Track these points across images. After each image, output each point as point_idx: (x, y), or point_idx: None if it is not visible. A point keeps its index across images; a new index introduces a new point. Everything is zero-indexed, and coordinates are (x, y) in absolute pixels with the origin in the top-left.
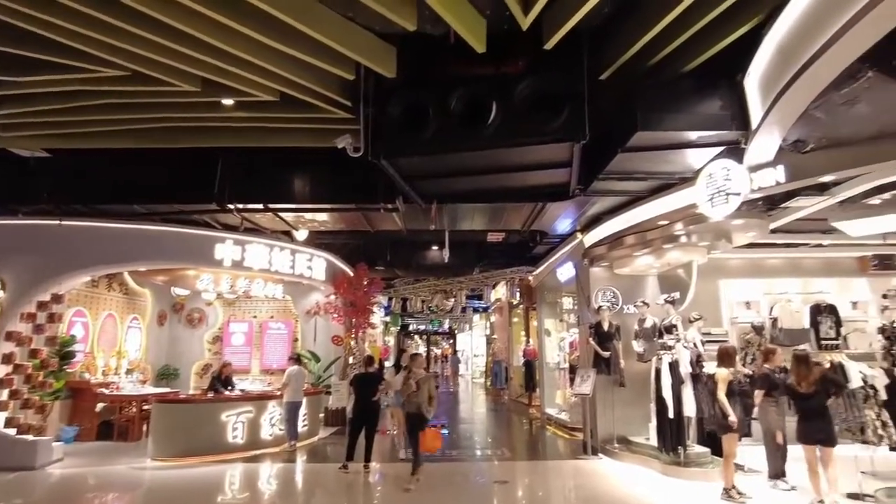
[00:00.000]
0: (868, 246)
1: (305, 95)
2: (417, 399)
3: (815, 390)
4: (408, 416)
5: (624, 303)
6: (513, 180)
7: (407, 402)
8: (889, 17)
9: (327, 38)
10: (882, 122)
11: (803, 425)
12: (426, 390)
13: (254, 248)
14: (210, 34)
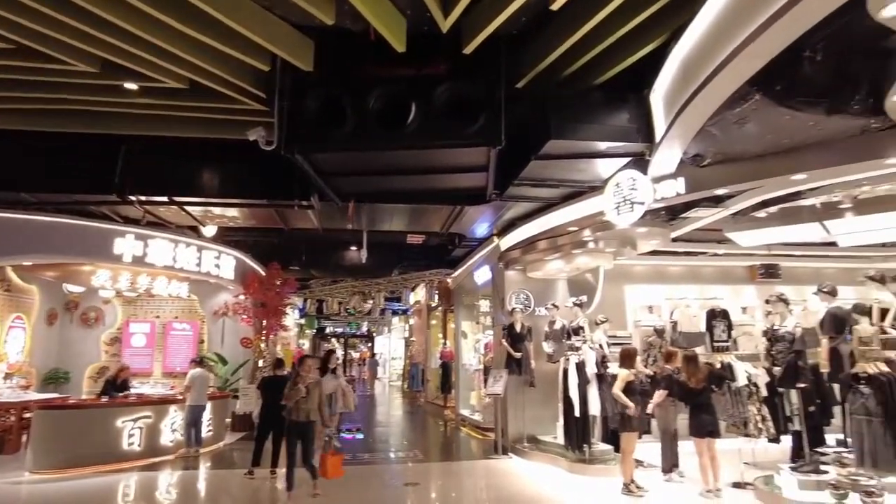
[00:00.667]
0: (756, 256)
1: (217, 84)
2: (307, 406)
3: (704, 386)
4: (292, 425)
5: (536, 305)
6: (431, 182)
7: (294, 409)
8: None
9: (242, 26)
10: (767, 142)
11: (695, 420)
12: (316, 396)
13: (157, 244)
14: (110, 11)
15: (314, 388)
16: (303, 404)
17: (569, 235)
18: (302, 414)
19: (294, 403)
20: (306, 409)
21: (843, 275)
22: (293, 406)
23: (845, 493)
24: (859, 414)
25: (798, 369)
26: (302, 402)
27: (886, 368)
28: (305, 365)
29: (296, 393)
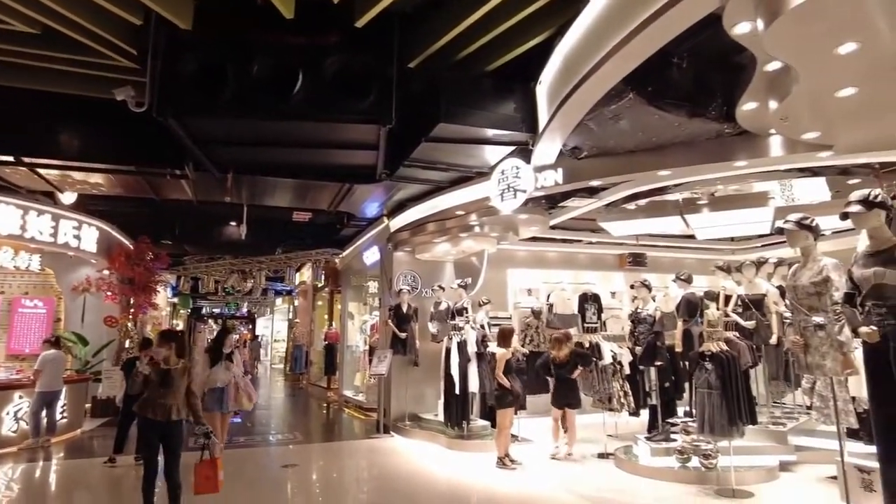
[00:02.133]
0: (626, 245)
1: (77, 34)
2: (166, 400)
3: (567, 361)
4: (146, 424)
5: (423, 286)
6: (319, 157)
7: (148, 403)
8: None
9: None
10: (638, 139)
11: (556, 392)
12: (182, 387)
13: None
14: None
15: (179, 377)
16: (160, 398)
17: (456, 219)
18: (159, 411)
19: (146, 396)
20: (165, 405)
21: (699, 265)
22: (145, 400)
23: (688, 458)
24: (702, 387)
25: (656, 349)
26: (159, 395)
27: (727, 347)
28: (163, 340)
29: (134, 380)
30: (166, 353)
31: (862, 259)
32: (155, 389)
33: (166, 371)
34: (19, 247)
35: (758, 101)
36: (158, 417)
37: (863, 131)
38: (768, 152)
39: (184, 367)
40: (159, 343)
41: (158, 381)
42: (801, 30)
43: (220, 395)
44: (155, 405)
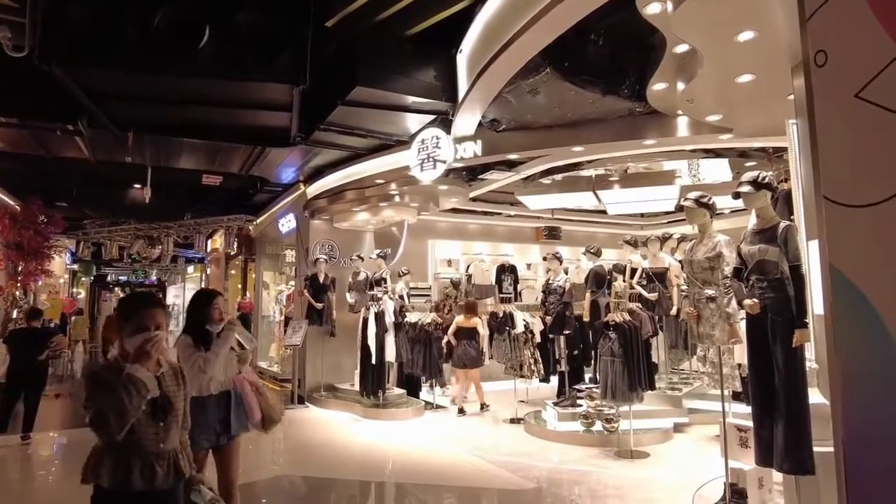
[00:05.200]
0: (543, 219)
1: None
2: (165, 446)
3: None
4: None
5: (341, 256)
6: (229, 117)
7: (118, 456)
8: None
9: None
10: (554, 114)
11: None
12: (181, 405)
13: None
14: None
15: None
16: (154, 441)
17: (376, 188)
18: (158, 468)
19: (123, 442)
20: (165, 455)
21: (610, 239)
22: (119, 450)
23: (592, 422)
24: (606, 355)
25: (565, 318)
26: (151, 436)
27: (630, 318)
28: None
29: (130, 402)
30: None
31: (749, 236)
32: (146, 425)
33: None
34: None
35: (667, 82)
36: (158, 483)
37: (759, 117)
38: (676, 132)
39: (172, 369)
40: (145, 320)
41: (150, 408)
42: (706, 14)
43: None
44: (144, 458)
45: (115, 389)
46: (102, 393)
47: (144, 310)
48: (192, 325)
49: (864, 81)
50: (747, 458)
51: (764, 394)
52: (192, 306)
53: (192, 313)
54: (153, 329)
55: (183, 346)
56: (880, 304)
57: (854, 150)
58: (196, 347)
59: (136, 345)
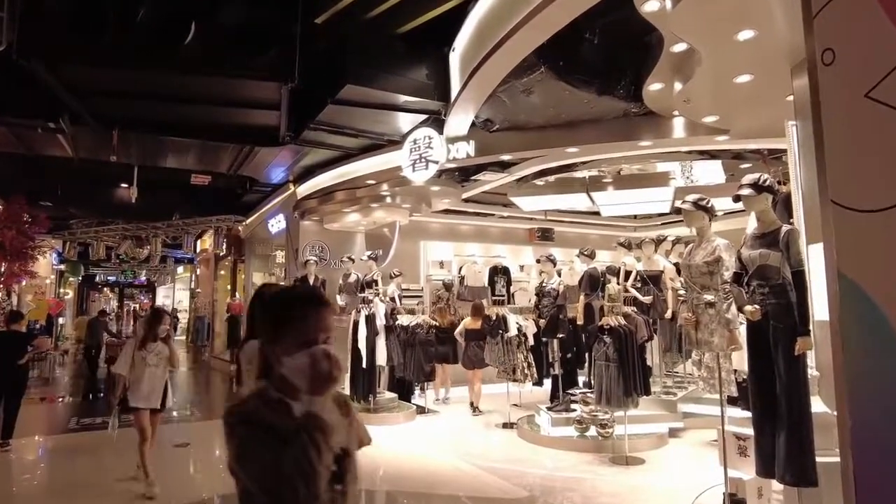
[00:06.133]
0: (536, 220)
1: None
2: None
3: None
4: None
5: (332, 257)
6: (217, 115)
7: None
8: (551, 23)
9: None
10: (549, 115)
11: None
12: None
13: None
14: None
15: (348, 432)
16: (338, 499)
17: (367, 188)
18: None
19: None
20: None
21: (603, 241)
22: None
23: (586, 427)
24: (601, 360)
25: (559, 321)
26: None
27: (625, 322)
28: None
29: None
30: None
31: (750, 241)
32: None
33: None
34: None
35: (664, 83)
36: None
37: (756, 118)
38: (671, 133)
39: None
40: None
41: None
42: (705, 12)
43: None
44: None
45: (293, 443)
46: (272, 449)
47: (313, 312)
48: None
49: (875, 81)
50: (747, 467)
51: (765, 402)
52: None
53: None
54: (325, 340)
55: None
56: (891, 310)
57: (863, 153)
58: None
59: (306, 367)
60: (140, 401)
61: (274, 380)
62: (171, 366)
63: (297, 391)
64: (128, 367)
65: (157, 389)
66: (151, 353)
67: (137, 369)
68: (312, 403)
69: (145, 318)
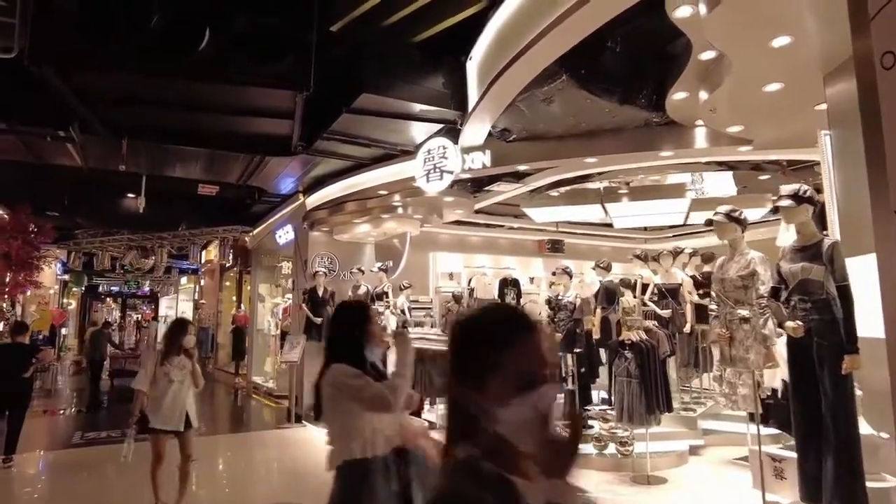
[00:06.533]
0: (545, 231)
1: None
2: None
3: None
4: None
5: (341, 269)
6: (228, 124)
7: None
8: (577, 30)
9: None
10: (569, 124)
11: None
12: None
13: None
14: None
15: None
16: None
17: (379, 199)
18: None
19: None
20: None
21: (614, 252)
22: None
23: (605, 445)
24: (622, 376)
25: (576, 335)
26: None
27: (646, 336)
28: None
29: None
30: None
31: (790, 254)
32: None
33: None
34: None
35: (688, 91)
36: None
37: (781, 128)
38: (693, 144)
39: None
40: None
41: None
42: (741, 18)
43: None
44: None
45: None
46: None
47: (530, 339)
48: (346, 348)
49: None
50: (784, 491)
51: (809, 423)
52: (345, 320)
53: (343, 330)
54: (551, 379)
55: (347, 377)
56: None
57: None
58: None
59: (528, 419)
60: (161, 421)
61: (483, 443)
62: (194, 384)
63: (523, 461)
64: (148, 383)
65: (181, 409)
66: (175, 367)
67: (159, 386)
68: (563, 488)
69: (167, 329)
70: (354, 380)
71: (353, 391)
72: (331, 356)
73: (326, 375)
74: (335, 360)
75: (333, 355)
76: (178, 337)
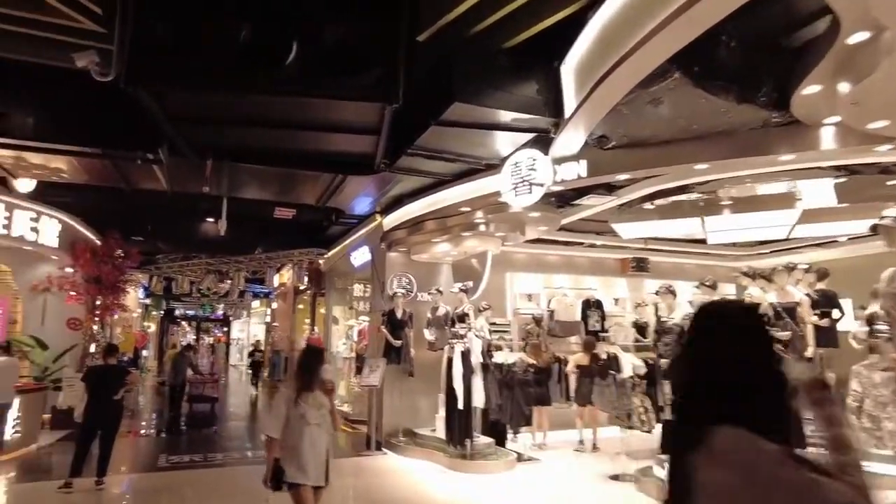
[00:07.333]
0: (627, 249)
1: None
2: None
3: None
4: None
5: (418, 290)
6: (311, 142)
7: None
8: (698, 21)
9: None
10: (677, 127)
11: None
12: None
13: None
14: None
15: None
16: None
17: (460, 216)
18: None
19: None
20: None
21: (700, 271)
22: None
23: None
24: None
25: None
26: None
27: None
28: None
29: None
30: None
31: None
32: None
33: None
34: None
35: (823, 84)
36: None
37: None
38: (818, 145)
39: None
40: None
41: None
42: None
43: None
44: None
45: None
46: None
47: None
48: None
49: None
50: None
51: None
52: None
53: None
54: None
55: None
56: None
57: None
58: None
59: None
60: (303, 474)
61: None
62: (332, 426)
63: None
64: (281, 427)
65: (320, 458)
66: (311, 406)
67: (294, 430)
68: None
69: (302, 360)
70: None
71: None
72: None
73: None
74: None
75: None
76: (315, 368)
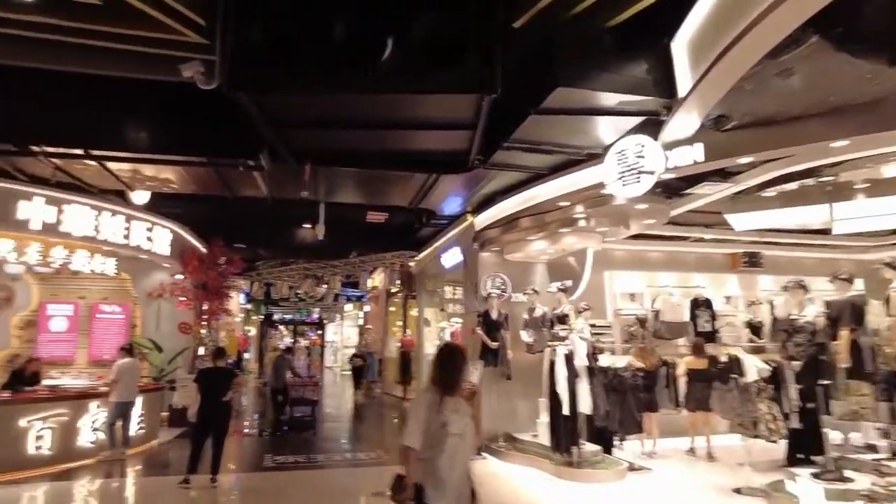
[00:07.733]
0: (737, 243)
1: (144, 4)
2: None
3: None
4: None
5: (513, 290)
6: (404, 140)
7: None
8: None
9: None
10: (810, 100)
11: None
12: None
13: (74, 210)
14: None
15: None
16: None
17: (558, 211)
18: None
19: None
20: None
21: (819, 266)
22: None
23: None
24: None
25: (819, 363)
26: None
27: None
28: None
29: None
30: None
31: None
32: None
33: None
34: (94, 249)
35: None
36: None
37: None
38: None
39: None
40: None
41: None
42: None
43: None
44: None
45: None
46: None
47: None
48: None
49: None
50: None
51: None
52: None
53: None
54: None
55: None
56: None
57: None
58: None
59: None
60: (440, 494)
61: None
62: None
63: None
64: (421, 437)
65: (462, 476)
66: (453, 413)
67: (435, 441)
68: None
69: (441, 358)
70: None
71: None
72: None
73: None
74: None
75: None
76: (461, 367)
